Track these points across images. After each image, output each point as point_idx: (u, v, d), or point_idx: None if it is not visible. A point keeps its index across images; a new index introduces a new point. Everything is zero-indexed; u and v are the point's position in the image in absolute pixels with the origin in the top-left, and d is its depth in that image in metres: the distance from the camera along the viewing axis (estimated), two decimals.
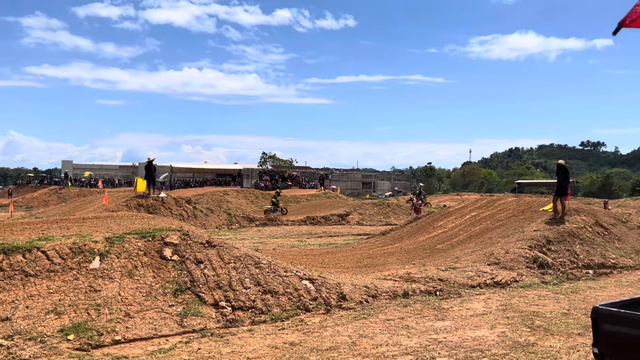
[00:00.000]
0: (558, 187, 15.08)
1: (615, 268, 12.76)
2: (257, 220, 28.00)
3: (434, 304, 8.96)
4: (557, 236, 13.39)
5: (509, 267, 11.54)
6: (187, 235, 9.20)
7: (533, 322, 7.81)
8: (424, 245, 15.93)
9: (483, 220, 17.10)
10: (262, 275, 8.74)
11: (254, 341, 6.92)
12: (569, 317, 8.14)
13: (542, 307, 8.87)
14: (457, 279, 10.50)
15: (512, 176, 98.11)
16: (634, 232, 15.41)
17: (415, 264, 12.58)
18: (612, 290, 10.41)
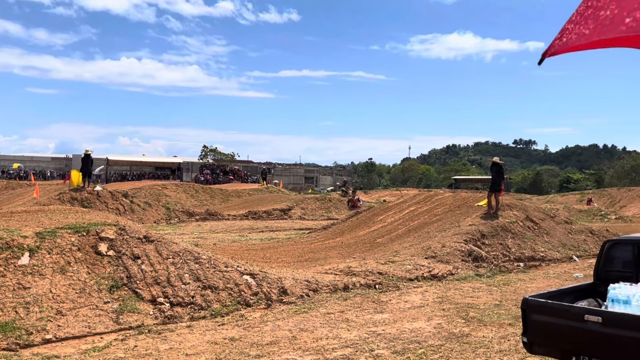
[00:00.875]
0: (492, 183, 15.67)
1: (543, 261, 13.42)
2: (197, 215, 27.51)
3: (374, 297, 9.12)
4: (491, 230, 13.93)
5: (446, 260, 11.90)
6: (124, 229, 8.93)
7: (467, 313, 8.10)
8: (364, 239, 16.13)
9: (421, 214, 17.52)
10: (202, 270, 8.61)
11: (193, 337, 6.81)
12: (501, 308, 8.49)
13: (476, 298, 9.21)
14: (395, 272, 10.72)
15: (449, 172, 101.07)
16: (561, 227, 16.25)
17: (356, 258, 12.73)
18: (541, 282, 10.95)
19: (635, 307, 4.69)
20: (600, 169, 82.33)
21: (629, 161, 73.60)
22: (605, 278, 5.47)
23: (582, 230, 16.61)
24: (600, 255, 5.70)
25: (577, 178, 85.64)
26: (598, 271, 5.67)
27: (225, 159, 69.12)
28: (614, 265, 5.59)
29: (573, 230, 16.35)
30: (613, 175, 72.43)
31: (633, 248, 5.47)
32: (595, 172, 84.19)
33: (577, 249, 14.96)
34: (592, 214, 35.15)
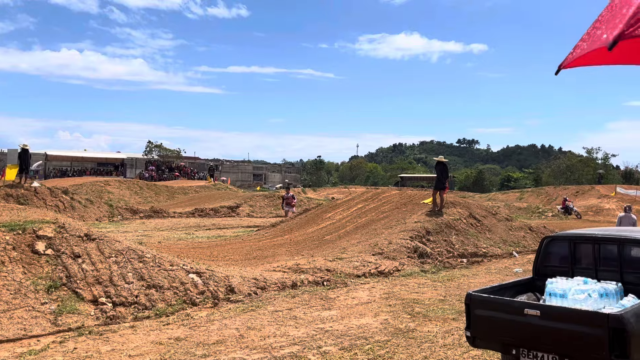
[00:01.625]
0: (437, 182, 16.03)
1: (485, 256, 13.85)
2: (142, 212, 26.80)
3: (322, 294, 9.14)
4: (436, 227, 14.24)
5: (392, 257, 12.07)
6: (63, 227, 8.57)
7: (413, 309, 8.24)
8: (312, 236, 16.15)
9: (369, 212, 17.71)
10: (146, 269, 8.38)
11: (136, 338, 6.61)
12: (445, 303, 8.70)
13: (421, 294, 9.39)
14: (343, 269, 10.78)
15: (396, 170, 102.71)
16: (502, 224, 16.82)
17: (304, 255, 12.73)
18: (483, 277, 11.29)
19: (571, 300, 4.90)
20: (539, 168, 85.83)
21: (564, 161, 77.16)
22: (544, 273, 5.69)
23: (521, 227, 17.26)
24: (539, 251, 5.91)
25: (517, 177, 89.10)
26: (537, 266, 5.88)
27: (171, 155, 67.65)
28: (552, 260, 5.82)
29: (513, 227, 16.96)
30: (550, 174, 75.69)
31: (569, 244, 5.71)
32: (533, 171, 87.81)
33: (517, 245, 15.53)
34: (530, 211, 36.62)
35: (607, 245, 5.48)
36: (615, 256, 5.33)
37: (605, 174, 71.02)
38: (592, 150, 78.20)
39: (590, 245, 5.57)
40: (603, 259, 5.43)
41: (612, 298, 4.88)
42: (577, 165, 73.97)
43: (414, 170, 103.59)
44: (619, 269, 5.25)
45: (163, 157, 66.82)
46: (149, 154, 66.85)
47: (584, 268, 5.51)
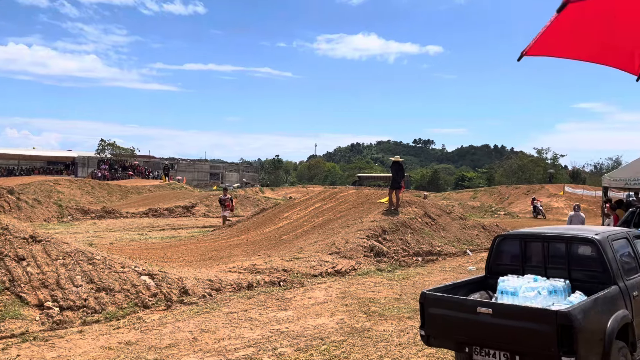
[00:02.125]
0: (393, 181, 16.18)
1: (440, 255, 14.07)
2: (93, 212, 26.01)
3: (278, 295, 9.06)
4: (392, 226, 14.37)
5: (349, 256, 12.10)
6: (7, 229, 8.19)
7: (369, 308, 8.27)
8: (269, 236, 16.05)
9: (326, 211, 17.73)
10: (96, 271, 8.10)
11: (84, 343, 6.37)
12: (401, 301, 8.77)
13: (377, 293, 9.44)
14: (300, 268, 10.73)
15: (354, 170, 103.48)
16: (456, 222, 17.14)
17: (261, 255, 12.62)
18: (438, 276, 11.46)
19: (522, 298, 5.00)
20: (491, 168, 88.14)
21: (515, 161, 79.54)
22: (496, 271, 5.79)
23: (475, 226, 17.63)
24: (491, 250, 6.02)
25: (470, 176, 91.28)
26: (489, 265, 5.98)
27: (125, 153, 66.01)
28: (503, 259, 5.93)
29: (467, 225, 17.30)
30: (502, 174, 77.86)
31: (520, 242, 5.83)
32: (487, 170, 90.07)
33: (471, 243, 15.85)
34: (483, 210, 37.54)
35: (555, 243, 5.63)
36: (563, 254, 5.47)
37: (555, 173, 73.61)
38: (542, 151, 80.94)
39: (540, 244, 5.70)
40: (552, 257, 5.57)
41: (561, 295, 5.01)
42: (528, 165, 76.34)
43: (371, 170, 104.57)
44: (567, 266, 5.39)
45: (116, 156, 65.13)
46: (101, 153, 65.04)
47: (534, 266, 5.64)
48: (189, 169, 77.47)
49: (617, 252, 5.28)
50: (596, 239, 5.18)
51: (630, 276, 5.24)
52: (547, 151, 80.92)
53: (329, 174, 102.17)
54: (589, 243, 5.28)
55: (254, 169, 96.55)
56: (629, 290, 5.04)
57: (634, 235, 5.96)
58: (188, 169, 77.67)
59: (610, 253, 5.14)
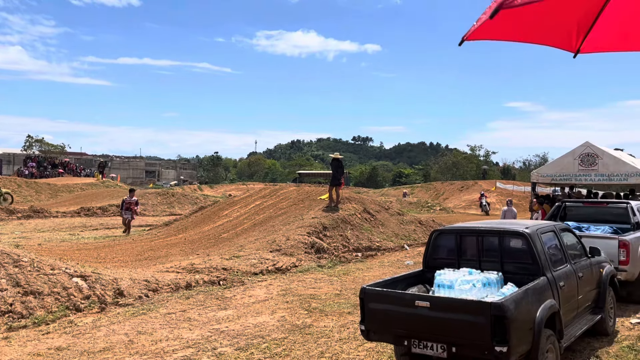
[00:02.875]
0: (333, 178, 16.31)
1: (379, 250, 14.32)
2: (20, 212, 24.68)
3: (217, 294, 8.93)
4: (332, 223, 14.49)
5: (290, 253, 12.10)
6: None
7: (310, 304, 8.29)
8: (208, 234, 15.82)
9: (267, 208, 17.65)
10: (23, 274, 7.68)
11: (10, 350, 6.03)
12: (341, 297, 8.85)
13: (318, 289, 9.48)
14: (240, 267, 10.63)
15: (294, 167, 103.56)
16: (394, 218, 17.49)
17: (200, 254, 12.40)
18: (377, 271, 11.65)
19: (458, 290, 5.16)
20: (427, 165, 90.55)
21: (450, 158, 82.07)
22: (433, 265, 5.95)
23: (412, 221, 18.05)
24: (428, 244, 6.18)
25: (407, 173, 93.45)
26: (426, 259, 6.14)
27: (54, 150, 63.01)
28: (440, 253, 6.10)
29: (404, 221, 17.70)
30: (438, 171, 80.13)
31: (455, 237, 6.01)
32: (423, 167, 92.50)
33: (408, 238, 16.22)
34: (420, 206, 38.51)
35: (489, 237, 5.84)
36: (496, 247, 5.69)
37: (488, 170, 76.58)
38: (475, 148, 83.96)
39: (475, 238, 5.91)
40: (486, 250, 5.79)
41: (494, 287, 5.21)
42: (462, 162, 78.98)
43: (312, 167, 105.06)
44: (500, 259, 5.61)
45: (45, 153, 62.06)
46: (28, 149, 61.76)
47: (469, 259, 5.83)
48: (123, 167, 75.01)
49: (546, 244, 5.55)
50: (526, 233, 5.42)
51: (557, 267, 5.52)
52: (479, 148, 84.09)
53: (270, 171, 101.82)
54: (519, 236, 5.52)
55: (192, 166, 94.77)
56: (556, 280, 5.30)
57: (560, 228, 6.28)
58: (122, 166, 75.20)
59: (540, 245, 5.39)
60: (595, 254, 6.65)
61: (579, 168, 14.63)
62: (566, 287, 5.49)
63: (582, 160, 14.56)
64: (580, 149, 14.75)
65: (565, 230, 6.43)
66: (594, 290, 6.43)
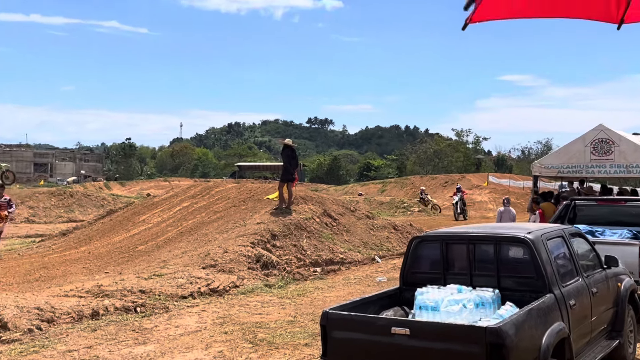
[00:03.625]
0: (284, 171, 16.28)
1: (343, 264, 14.42)
2: None
3: (134, 324, 8.81)
4: (283, 229, 14.50)
5: (229, 269, 12.04)
6: None
7: (256, 335, 8.28)
8: (121, 247, 15.63)
9: (197, 212, 17.50)
10: None
11: None
12: (296, 325, 8.87)
13: (265, 315, 9.48)
14: (163, 288, 10.51)
15: (232, 157, 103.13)
16: (362, 222, 17.66)
17: (109, 273, 12.23)
18: (341, 290, 11.73)
19: (444, 313, 5.25)
20: (403, 154, 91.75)
21: (431, 145, 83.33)
22: (412, 281, 6.03)
23: (384, 226, 18.27)
24: (407, 256, 6.25)
25: (378, 164, 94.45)
26: (404, 274, 6.22)
27: None
28: (421, 266, 6.20)
29: (375, 226, 17.89)
30: (415, 162, 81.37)
31: (440, 245, 6.10)
32: (397, 157, 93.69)
33: (380, 248, 16.41)
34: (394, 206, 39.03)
35: (482, 245, 5.97)
36: (492, 258, 5.82)
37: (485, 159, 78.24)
38: (462, 133, 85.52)
39: (465, 246, 6.01)
40: (478, 261, 5.91)
41: (489, 308, 5.33)
42: (445, 151, 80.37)
43: (255, 157, 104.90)
44: (496, 272, 5.74)
45: None
46: None
47: (458, 273, 5.95)
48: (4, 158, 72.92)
49: (552, 253, 5.71)
50: (529, 239, 5.56)
51: (566, 282, 5.69)
52: (467, 133, 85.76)
53: (200, 163, 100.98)
54: (520, 244, 5.65)
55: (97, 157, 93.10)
56: (565, 298, 5.47)
57: (569, 232, 6.48)
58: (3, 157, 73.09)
59: (545, 255, 5.54)
60: (611, 264, 6.89)
61: (592, 157, 15.06)
62: (577, 307, 5.66)
63: (595, 148, 14.98)
64: (593, 134, 15.16)
65: (576, 235, 6.64)
66: (610, 310, 6.66)
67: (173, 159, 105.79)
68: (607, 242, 8.82)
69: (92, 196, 33.07)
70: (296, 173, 16.63)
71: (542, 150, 79.91)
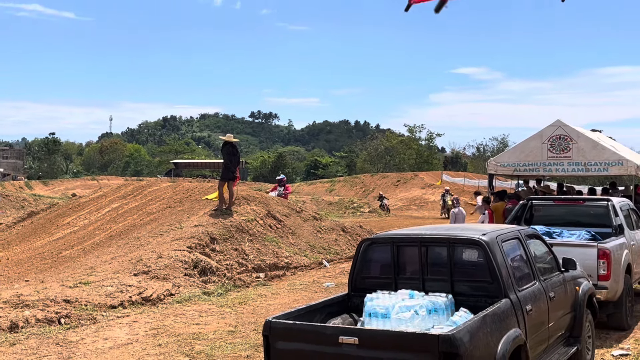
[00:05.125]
0: (224, 169, 16.18)
1: (288, 268, 14.43)
2: None
3: (58, 337, 8.64)
4: (224, 232, 14.42)
5: (163, 276, 11.92)
6: None
7: (193, 347, 8.21)
8: (43, 252, 15.37)
9: (129, 213, 17.29)
10: None
11: None
12: (236, 336, 8.84)
13: (204, 326, 9.41)
14: (91, 297, 10.35)
15: (168, 154, 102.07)
16: (309, 224, 17.70)
17: (30, 281, 12.03)
18: (286, 297, 11.74)
19: (395, 320, 5.29)
20: (352, 151, 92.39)
21: (382, 142, 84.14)
22: (362, 287, 6.06)
23: (333, 228, 18.36)
24: (355, 259, 6.28)
25: (326, 162, 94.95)
26: (353, 279, 6.25)
27: None
28: (371, 270, 6.24)
29: (323, 228, 17.96)
30: (366, 159, 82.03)
31: (392, 248, 6.14)
32: (346, 154, 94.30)
33: (328, 252, 16.48)
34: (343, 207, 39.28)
35: (434, 247, 6.04)
36: (445, 261, 5.89)
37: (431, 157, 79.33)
38: (414, 129, 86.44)
39: (416, 249, 6.07)
40: (431, 265, 5.97)
41: (442, 314, 5.39)
42: (397, 148, 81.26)
43: (193, 154, 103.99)
44: (450, 277, 5.81)
45: None
46: None
47: (410, 278, 6.00)
48: None
49: (508, 256, 5.81)
50: (483, 241, 5.64)
51: (523, 286, 5.80)
52: (420, 129, 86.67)
53: (132, 161, 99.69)
54: (475, 246, 5.73)
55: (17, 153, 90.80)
56: (521, 303, 5.57)
57: (526, 234, 6.61)
58: None
59: (500, 258, 5.63)
60: (569, 266, 7.06)
61: (549, 155, 15.40)
62: (534, 312, 5.78)
63: (553, 145, 15.32)
64: (550, 130, 15.47)
65: (533, 237, 6.78)
66: (568, 315, 6.83)
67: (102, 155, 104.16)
68: (564, 243, 9.01)
69: (11, 196, 32.27)
70: (238, 171, 16.57)
71: (498, 147, 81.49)
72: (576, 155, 15.08)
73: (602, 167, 15.03)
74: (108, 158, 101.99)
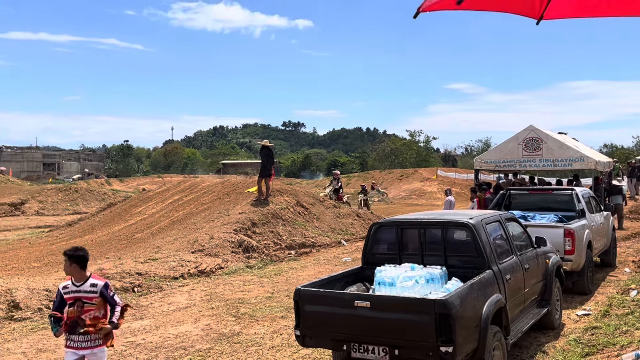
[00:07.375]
0: (262, 168, 16.20)
1: (314, 247, 14.41)
2: None
3: (132, 302, 8.68)
4: (262, 218, 14.43)
5: (214, 253, 11.95)
6: None
7: (238, 310, 8.24)
8: (119, 235, 15.40)
9: (187, 204, 17.35)
10: None
11: None
12: (273, 300, 8.84)
13: (247, 293, 9.43)
14: (157, 271, 10.39)
15: (217, 156, 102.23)
16: (330, 211, 17.65)
17: (110, 258, 12.05)
18: (312, 269, 11.72)
19: (400, 288, 5.27)
20: (364, 152, 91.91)
21: (388, 144, 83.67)
22: (373, 261, 6.05)
23: (349, 214, 18.28)
24: (367, 239, 6.28)
25: (343, 161, 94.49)
26: (365, 255, 6.24)
27: None
28: (380, 247, 6.22)
29: (341, 214, 17.89)
30: (375, 158, 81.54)
31: (396, 230, 6.14)
32: (360, 155, 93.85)
33: (345, 233, 16.42)
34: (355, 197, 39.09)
35: (431, 229, 6.01)
36: (439, 240, 5.87)
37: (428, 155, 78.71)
38: (414, 133, 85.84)
39: (416, 230, 6.06)
40: (428, 243, 5.95)
41: (438, 283, 5.36)
42: (400, 149, 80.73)
43: (237, 156, 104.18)
44: (443, 252, 5.78)
45: None
46: None
47: (411, 254, 5.98)
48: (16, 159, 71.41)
49: (491, 235, 5.77)
50: (470, 223, 5.61)
51: (503, 259, 5.76)
52: (419, 134, 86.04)
53: (189, 162, 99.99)
54: (463, 227, 5.71)
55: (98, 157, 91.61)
56: (502, 274, 5.53)
57: (505, 217, 6.56)
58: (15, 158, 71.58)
59: (485, 237, 5.59)
60: (541, 244, 6.99)
61: (524, 153, 15.27)
62: (512, 281, 5.74)
63: (527, 145, 15.19)
64: (524, 133, 15.38)
65: (511, 220, 6.72)
66: (540, 283, 6.77)
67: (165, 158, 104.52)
68: (537, 225, 8.92)
69: (95, 191, 32.48)
70: (273, 169, 16.55)
71: (483, 148, 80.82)
72: (546, 154, 14.95)
73: (567, 163, 14.89)
74: (170, 160, 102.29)
